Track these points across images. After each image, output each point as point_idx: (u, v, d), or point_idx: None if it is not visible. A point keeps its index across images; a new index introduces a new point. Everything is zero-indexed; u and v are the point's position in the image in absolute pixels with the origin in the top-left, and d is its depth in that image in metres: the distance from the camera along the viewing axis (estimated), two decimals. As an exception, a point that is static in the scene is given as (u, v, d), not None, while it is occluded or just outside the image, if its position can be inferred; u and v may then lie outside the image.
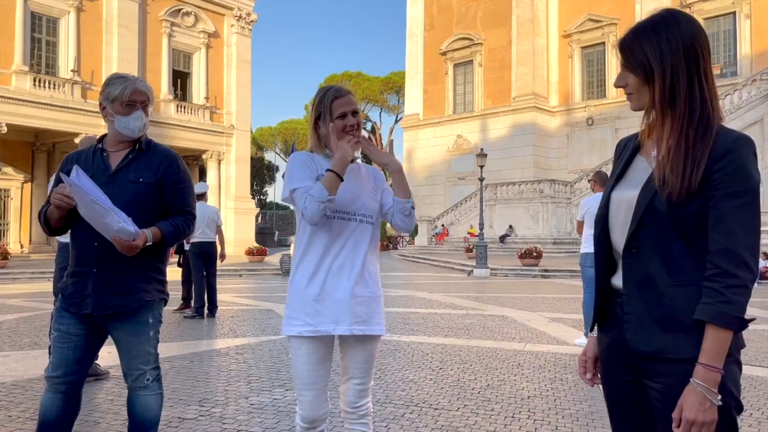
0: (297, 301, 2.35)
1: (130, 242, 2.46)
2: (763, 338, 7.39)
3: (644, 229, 1.53)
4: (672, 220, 1.49)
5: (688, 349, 1.46)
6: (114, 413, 4.17)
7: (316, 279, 2.33)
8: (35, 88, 24.95)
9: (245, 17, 33.06)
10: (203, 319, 8.92)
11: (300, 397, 2.34)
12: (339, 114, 2.37)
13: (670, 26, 1.52)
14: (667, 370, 1.50)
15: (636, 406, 1.63)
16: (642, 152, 1.66)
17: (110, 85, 2.65)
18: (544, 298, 12.52)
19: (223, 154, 31.98)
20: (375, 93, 57.69)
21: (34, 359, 5.92)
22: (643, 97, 1.58)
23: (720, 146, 1.47)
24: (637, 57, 1.54)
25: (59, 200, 2.48)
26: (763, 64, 29.03)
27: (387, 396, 4.69)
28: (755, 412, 4.31)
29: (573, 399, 4.66)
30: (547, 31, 39.55)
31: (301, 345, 2.32)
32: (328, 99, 2.39)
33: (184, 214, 2.72)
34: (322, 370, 2.35)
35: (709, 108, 1.51)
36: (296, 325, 2.32)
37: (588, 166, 33.23)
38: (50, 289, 6.66)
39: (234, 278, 18.77)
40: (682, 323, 1.48)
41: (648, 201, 1.52)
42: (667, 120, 1.53)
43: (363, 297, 2.37)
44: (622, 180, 1.66)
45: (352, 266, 2.36)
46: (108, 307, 2.58)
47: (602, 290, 1.68)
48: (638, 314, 1.55)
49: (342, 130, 2.37)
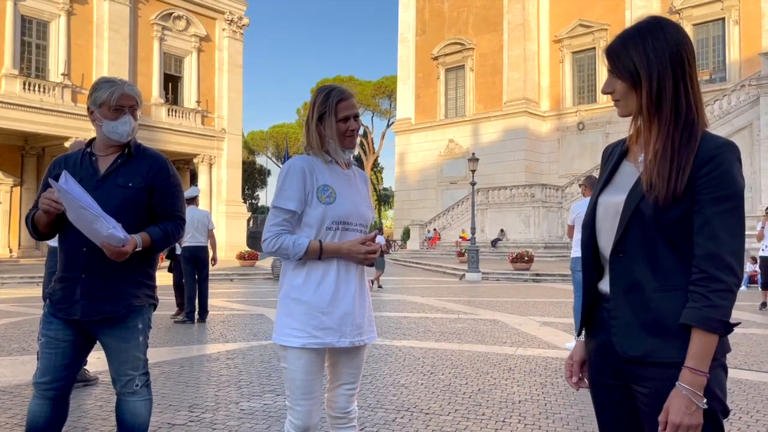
0: (301, 312, 2.28)
1: (119, 248, 2.44)
2: (752, 342, 7.44)
3: (631, 234, 1.55)
4: (658, 224, 1.50)
5: (674, 353, 1.47)
6: (103, 419, 4.14)
7: (322, 291, 2.28)
8: (25, 91, 24.82)
9: (237, 21, 33.04)
10: (194, 323, 8.87)
11: (296, 407, 2.29)
12: (343, 117, 2.34)
13: (656, 33, 1.54)
14: (655, 374, 1.51)
15: (623, 410, 1.64)
16: (629, 157, 1.67)
17: (98, 90, 2.62)
18: (535, 302, 12.55)
19: (214, 158, 31.90)
20: (367, 97, 57.72)
21: (23, 365, 5.87)
22: (630, 103, 1.59)
23: (704, 152, 1.48)
24: (625, 63, 1.56)
25: (47, 205, 2.44)
26: (751, 70, 29.27)
27: (378, 401, 4.68)
28: (744, 416, 4.33)
29: (563, 403, 4.67)
30: (538, 37, 39.76)
31: (302, 355, 2.27)
32: (333, 99, 2.34)
33: (173, 218, 2.70)
34: (319, 380, 2.33)
35: (694, 113, 1.53)
36: (300, 336, 2.26)
37: (579, 171, 33.41)
38: (39, 294, 6.62)
39: (225, 283, 18.69)
40: (669, 328, 1.49)
41: (635, 205, 1.54)
42: (654, 125, 1.55)
43: (363, 308, 2.38)
44: (609, 185, 1.67)
45: (353, 278, 2.35)
46: (97, 312, 2.56)
47: (589, 295, 1.69)
48: (625, 319, 1.56)
49: (344, 134, 2.35)
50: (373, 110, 59.61)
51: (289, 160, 2.38)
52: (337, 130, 2.34)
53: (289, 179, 2.30)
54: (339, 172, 2.37)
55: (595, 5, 37.13)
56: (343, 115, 2.34)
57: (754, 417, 4.30)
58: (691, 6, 33.67)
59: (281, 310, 2.34)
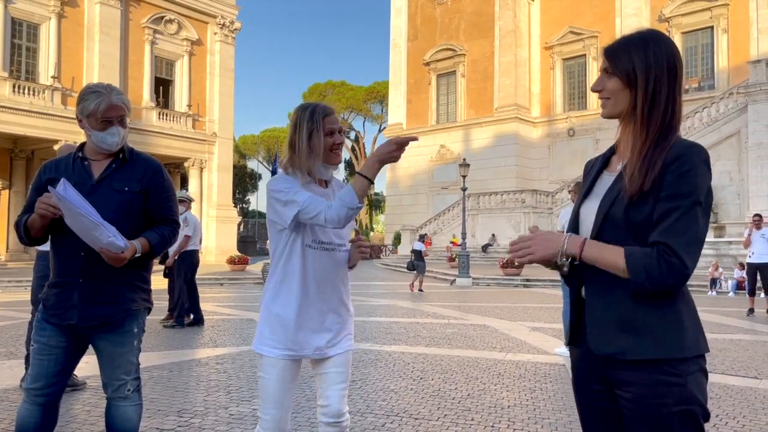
0: (277, 323, 2.36)
1: (118, 254, 2.44)
2: (739, 348, 7.49)
3: (604, 237, 1.61)
4: (628, 225, 1.57)
5: (649, 349, 1.52)
6: (90, 424, 4.12)
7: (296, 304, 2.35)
8: (15, 94, 24.64)
9: (229, 25, 33.01)
10: (183, 327, 8.85)
11: (266, 416, 2.35)
12: (328, 131, 2.39)
13: (658, 42, 1.63)
14: (636, 379, 1.54)
15: (606, 415, 1.67)
16: (609, 168, 1.74)
17: (85, 100, 2.58)
18: (525, 307, 12.59)
19: (205, 162, 31.79)
20: (359, 102, 57.80)
21: (10, 369, 5.83)
22: (619, 102, 1.65)
23: (673, 152, 1.55)
24: (624, 62, 1.62)
25: (44, 210, 2.42)
26: (740, 78, 29.54)
27: (368, 406, 4.68)
28: (731, 421, 4.37)
29: (552, 408, 4.69)
30: (530, 43, 39.97)
31: (276, 363, 2.34)
32: (319, 115, 2.38)
33: (169, 223, 2.71)
34: (291, 390, 2.40)
35: (676, 119, 1.62)
36: (276, 347, 2.34)
37: (569, 177, 33.52)
38: (27, 298, 6.57)
39: (215, 287, 18.62)
40: (641, 326, 1.54)
41: (607, 209, 1.61)
42: (644, 125, 1.61)
43: (339, 323, 2.45)
44: (590, 195, 1.73)
45: (330, 296, 2.42)
46: (94, 317, 2.54)
47: (576, 303, 1.72)
48: (599, 318, 1.61)
49: (330, 148, 2.40)
50: (365, 115, 59.72)
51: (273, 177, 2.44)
52: (325, 145, 2.38)
53: (286, 183, 2.34)
54: (317, 191, 2.41)
55: (585, 13, 37.40)
56: (329, 128, 2.39)
57: (740, 422, 4.33)
58: (680, 14, 33.95)
59: (261, 319, 2.43)
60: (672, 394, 1.50)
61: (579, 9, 37.72)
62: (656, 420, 1.52)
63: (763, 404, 4.86)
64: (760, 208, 21.38)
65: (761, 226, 11.29)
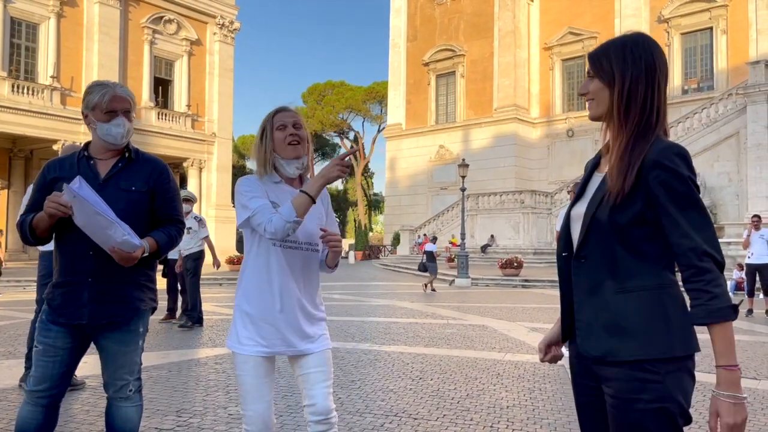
0: (248, 321, 2.40)
1: (129, 254, 2.44)
2: (738, 349, 7.38)
3: (591, 239, 1.63)
4: (613, 228, 1.58)
5: (633, 351, 1.54)
6: (89, 424, 4.11)
7: (267, 301, 2.38)
8: (14, 93, 24.64)
9: (228, 25, 33.01)
10: (202, 326, 8.99)
11: (248, 413, 2.38)
12: (280, 125, 2.41)
13: (637, 44, 1.66)
14: (616, 374, 1.57)
15: (601, 410, 1.69)
16: (599, 168, 1.76)
17: (90, 93, 2.60)
18: (524, 308, 12.59)
19: (204, 162, 31.80)
20: (358, 102, 57.75)
21: (9, 369, 5.82)
22: (602, 103, 1.68)
23: (653, 153, 1.56)
24: (603, 63, 1.66)
25: (54, 209, 2.38)
26: (739, 79, 29.58)
27: (366, 406, 4.68)
28: (729, 421, 4.36)
29: (551, 409, 4.69)
30: (529, 44, 40.01)
31: (248, 360, 2.38)
32: (271, 114, 2.45)
33: (175, 223, 2.72)
34: (268, 383, 2.42)
35: (655, 118, 1.63)
36: (248, 345, 2.38)
37: (568, 177, 33.58)
38: (26, 297, 6.57)
39: (214, 287, 18.61)
40: (627, 328, 1.55)
41: (593, 212, 1.62)
42: (621, 124, 1.64)
43: (309, 321, 2.45)
44: (582, 197, 1.75)
45: (297, 293, 2.42)
46: (104, 316, 2.54)
47: (567, 303, 1.74)
48: (587, 320, 1.63)
49: (284, 141, 2.40)
50: (364, 115, 59.64)
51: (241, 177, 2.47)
52: (277, 140, 2.40)
53: (247, 186, 2.39)
54: (287, 191, 2.42)
55: (584, 14, 37.44)
56: (279, 123, 2.41)
57: (738, 423, 4.33)
58: (679, 15, 34.00)
59: (234, 318, 2.46)
60: (647, 391, 1.51)
61: (578, 10, 37.77)
62: (631, 416, 1.53)
63: (762, 405, 4.86)
64: (759, 208, 21.42)
65: (760, 226, 11.30)
